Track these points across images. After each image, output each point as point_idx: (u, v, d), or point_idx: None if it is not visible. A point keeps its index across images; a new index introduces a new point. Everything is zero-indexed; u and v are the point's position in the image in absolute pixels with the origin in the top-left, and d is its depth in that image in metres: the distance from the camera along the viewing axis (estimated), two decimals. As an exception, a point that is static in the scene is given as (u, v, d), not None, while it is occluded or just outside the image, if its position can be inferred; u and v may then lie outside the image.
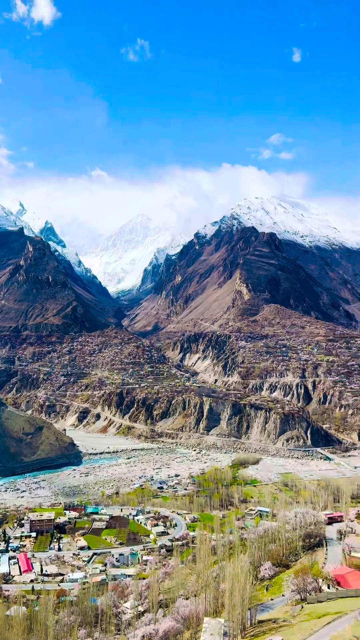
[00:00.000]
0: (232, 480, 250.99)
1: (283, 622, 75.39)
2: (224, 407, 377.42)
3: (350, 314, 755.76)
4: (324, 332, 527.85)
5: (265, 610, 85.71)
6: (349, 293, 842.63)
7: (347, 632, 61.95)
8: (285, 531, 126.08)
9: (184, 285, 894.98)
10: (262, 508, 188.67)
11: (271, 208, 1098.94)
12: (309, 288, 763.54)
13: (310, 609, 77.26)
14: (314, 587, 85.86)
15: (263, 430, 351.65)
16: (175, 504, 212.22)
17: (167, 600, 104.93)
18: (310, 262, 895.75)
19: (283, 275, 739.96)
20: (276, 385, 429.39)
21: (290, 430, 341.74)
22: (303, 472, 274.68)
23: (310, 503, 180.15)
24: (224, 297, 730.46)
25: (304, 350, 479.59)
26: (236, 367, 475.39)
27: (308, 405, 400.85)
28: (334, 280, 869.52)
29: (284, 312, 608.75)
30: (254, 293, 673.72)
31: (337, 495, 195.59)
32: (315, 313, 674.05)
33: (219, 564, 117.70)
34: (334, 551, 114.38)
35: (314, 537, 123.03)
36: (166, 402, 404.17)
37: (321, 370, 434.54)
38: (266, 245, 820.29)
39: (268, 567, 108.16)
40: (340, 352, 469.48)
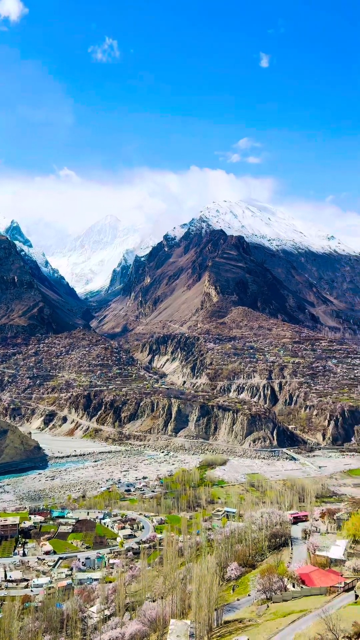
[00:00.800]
0: (199, 482, 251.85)
1: (249, 621, 76.15)
2: (192, 408, 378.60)
3: (315, 317, 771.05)
4: (290, 335, 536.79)
5: (232, 611, 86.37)
6: (314, 296, 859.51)
7: (311, 630, 63.07)
8: (251, 531, 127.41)
9: (153, 287, 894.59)
10: (229, 509, 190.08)
11: (239, 211, 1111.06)
12: (276, 291, 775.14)
13: (276, 608, 78.27)
14: (279, 586, 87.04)
15: (230, 432, 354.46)
16: (142, 506, 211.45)
17: (134, 603, 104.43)
18: (277, 266, 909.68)
19: (251, 278, 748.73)
20: (244, 387, 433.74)
21: (257, 431, 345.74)
22: (269, 472, 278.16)
23: (276, 503, 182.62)
24: (192, 299, 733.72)
25: (270, 352, 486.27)
26: (204, 369, 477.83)
27: (274, 406, 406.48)
28: (300, 284, 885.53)
29: (251, 314, 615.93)
30: (222, 295, 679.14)
31: (302, 495, 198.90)
32: (282, 315, 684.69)
33: (186, 566, 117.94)
34: (299, 550, 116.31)
35: (279, 536, 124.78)
36: (134, 404, 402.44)
37: (287, 371, 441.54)
38: (234, 248, 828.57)
39: (235, 567, 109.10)
40: (306, 354, 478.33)
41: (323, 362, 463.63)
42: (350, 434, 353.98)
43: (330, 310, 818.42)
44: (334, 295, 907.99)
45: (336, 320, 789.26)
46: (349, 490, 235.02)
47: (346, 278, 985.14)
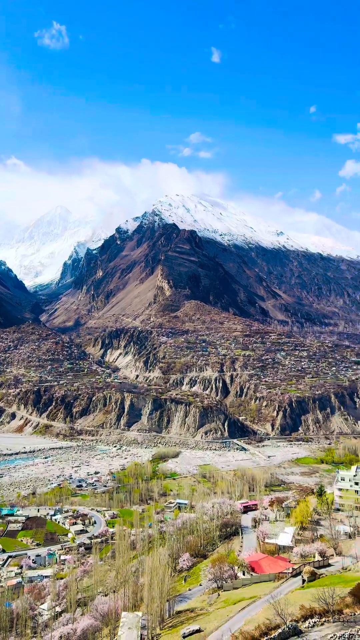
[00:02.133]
0: (152, 475, 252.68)
1: (200, 610, 77.42)
2: (145, 402, 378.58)
3: (265, 310, 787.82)
4: (241, 328, 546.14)
5: (184, 601, 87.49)
6: (264, 290, 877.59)
7: (260, 616, 64.86)
8: (203, 522, 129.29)
9: (106, 280, 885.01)
10: (181, 500, 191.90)
11: (192, 206, 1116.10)
12: (228, 285, 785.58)
13: (226, 596, 79.95)
14: (230, 574, 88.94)
15: (183, 424, 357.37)
16: (94, 501, 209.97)
17: (86, 598, 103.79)
18: (229, 260, 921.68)
19: (203, 272, 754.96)
20: (196, 380, 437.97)
21: (209, 423, 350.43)
22: (221, 463, 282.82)
23: (227, 493, 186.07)
24: (145, 293, 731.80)
25: (222, 345, 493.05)
26: (157, 363, 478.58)
27: (226, 398, 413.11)
28: (250, 278, 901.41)
29: (204, 308, 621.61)
30: (175, 289, 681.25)
31: (252, 485, 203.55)
32: (233, 309, 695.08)
33: (138, 559, 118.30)
34: (249, 538, 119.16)
35: (230, 526, 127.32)
36: (86, 399, 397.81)
37: (238, 364, 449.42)
38: (187, 242, 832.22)
39: (186, 558, 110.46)
40: (256, 347, 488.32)
41: (272, 355, 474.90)
42: (297, 424, 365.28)
43: (279, 304, 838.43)
44: (282, 290, 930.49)
45: (285, 313, 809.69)
46: (297, 478, 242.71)
47: (294, 273, 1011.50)
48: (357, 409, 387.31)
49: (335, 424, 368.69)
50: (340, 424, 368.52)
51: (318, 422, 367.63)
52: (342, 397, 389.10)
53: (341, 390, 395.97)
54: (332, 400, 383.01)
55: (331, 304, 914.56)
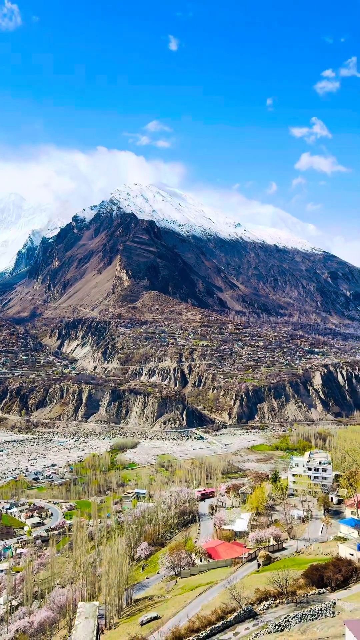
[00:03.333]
0: (110, 466, 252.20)
1: (158, 598, 78.29)
2: (103, 393, 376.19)
3: (223, 301, 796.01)
4: (199, 318, 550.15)
5: (142, 589, 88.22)
6: (222, 281, 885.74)
7: (217, 600, 66.30)
8: (161, 511, 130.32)
9: (62, 270, 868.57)
10: (140, 490, 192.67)
11: (150, 196, 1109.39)
12: (186, 276, 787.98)
13: (184, 582, 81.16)
14: (187, 561, 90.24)
15: (142, 415, 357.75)
16: (51, 493, 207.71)
17: (43, 591, 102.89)
18: (187, 251, 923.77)
19: (162, 262, 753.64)
20: (155, 370, 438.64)
21: (168, 413, 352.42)
22: (179, 452, 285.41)
23: (185, 481, 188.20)
24: (103, 283, 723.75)
25: (181, 336, 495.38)
26: (116, 353, 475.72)
27: (184, 388, 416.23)
28: (209, 269, 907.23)
29: (162, 298, 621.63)
30: (133, 279, 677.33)
31: (209, 472, 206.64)
32: (192, 300, 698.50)
33: (96, 549, 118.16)
34: (206, 525, 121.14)
35: (188, 514, 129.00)
36: (42, 391, 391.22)
37: (197, 354, 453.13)
38: (145, 232, 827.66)
39: (144, 547, 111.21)
40: (214, 337, 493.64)
41: (230, 345, 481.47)
42: (254, 412, 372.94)
43: (236, 295, 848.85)
44: (240, 281, 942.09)
45: (242, 304, 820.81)
46: (253, 465, 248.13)
47: (251, 264, 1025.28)
48: (310, 397, 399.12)
49: (289, 412, 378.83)
50: (294, 412, 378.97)
51: (273, 410, 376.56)
52: (296, 385, 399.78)
53: (295, 379, 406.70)
54: (286, 389, 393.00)
55: (286, 295, 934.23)
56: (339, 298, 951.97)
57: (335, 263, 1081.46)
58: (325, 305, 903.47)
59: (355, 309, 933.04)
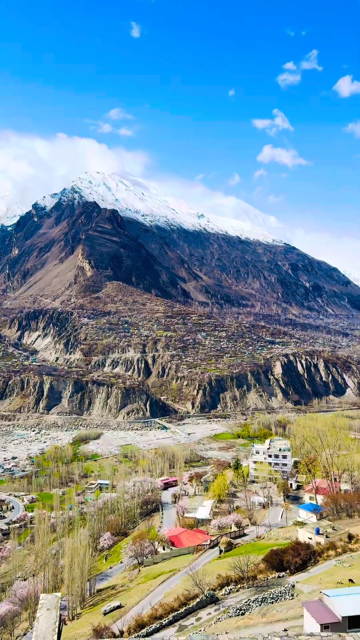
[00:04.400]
0: (73, 457, 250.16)
1: (121, 587, 78.66)
2: (65, 385, 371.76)
3: (186, 292, 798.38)
4: (163, 309, 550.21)
5: (105, 579, 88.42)
6: (185, 272, 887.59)
7: (179, 587, 67.20)
8: (124, 501, 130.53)
9: (22, 259, 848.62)
10: (102, 481, 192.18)
11: (113, 184, 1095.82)
12: (150, 266, 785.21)
13: (147, 571, 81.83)
14: (150, 550, 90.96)
15: (105, 406, 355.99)
16: (12, 486, 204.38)
17: (4, 584, 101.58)
18: (151, 241, 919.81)
19: (125, 252, 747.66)
20: (118, 361, 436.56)
21: (131, 403, 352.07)
22: (142, 442, 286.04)
23: (149, 471, 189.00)
24: (65, 273, 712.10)
25: (144, 327, 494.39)
26: (78, 344, 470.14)
27: (148, 379, 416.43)
28: (172, 260, 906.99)
29: (126, 289, 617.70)
30: (96, 270, 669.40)
31: (172, 462, 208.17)
32: (156, 290, 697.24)
33: (58, 541, 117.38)
34: (169, 514, 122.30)
35: (151, 503, 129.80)
36: (2, 383, 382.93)
37: (160, 345, 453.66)
38: (108, 221, 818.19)
39: (107, 537, 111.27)
40: (178, 328, 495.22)
41: (193, 335, 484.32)
42: (216, 401, 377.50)
43: (200, 286, 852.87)
44: (203, 272, 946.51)
45: (205, 295, 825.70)
46: (215, 453, 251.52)
47: (214, 255, 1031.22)
48: (271, 386, 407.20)
49: (251, 401, 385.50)
50: (255, 401, 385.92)
51: (235, 399, 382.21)
52: (257, 375, 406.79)
53: (257, 369, 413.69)
54: (248, 378, 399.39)
55: (249, 286, 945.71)
56: (299, 289, 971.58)
57: (295, 255, 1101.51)
58: (286, 296, 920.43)
59: (314, 300, 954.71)
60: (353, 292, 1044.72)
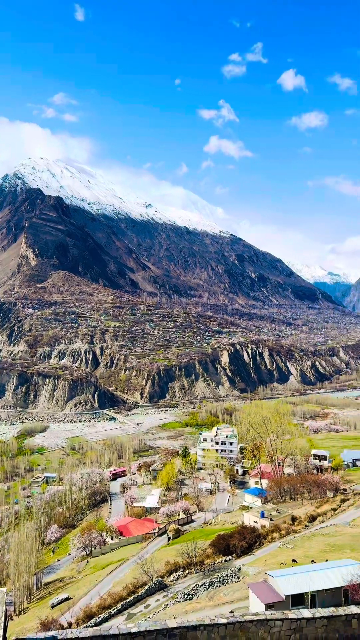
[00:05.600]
0: (18, 451, 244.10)
1: (69, 579, 78.05)
2: (9, 377, 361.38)
3: (134, 282, 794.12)
4: (111, 300, 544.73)
5: (53, 572, 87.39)
6: (134, 262, 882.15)
7: (128, 576, 67.48)
8: (71, 493, 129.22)
9: None
10: (49, 474, 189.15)
11: (57, 171, 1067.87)
12: (97, 256, 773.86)
13: (95, 562, 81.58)
14: (99, 541, 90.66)
15: (51, 398, 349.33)
16: None
17: None
18: (98, 230, 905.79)
19: (71, 241, 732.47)
20: (65, 352, 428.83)
21: (79, 395, 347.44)
22: (90, 434, 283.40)
23: (97, 463, 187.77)
24: (8, 262, 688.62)
25: (92, 317, 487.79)
26: (23, 336, 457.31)
27: (96, 370, 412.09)
28: (120, 249, 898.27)
29: (72, 279, 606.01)
30: (41, 259, 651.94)
31: (121, 452, 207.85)
32: (103, 281, 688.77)
33: (4, 536, 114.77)
34: (118, 504, 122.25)
35: (99, 494, 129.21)
36: None
37: (108, 335, 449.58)
38: (53, 209, 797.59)
39: (55, 530, 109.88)
40: (126, 319, 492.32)
41: (142, 326, 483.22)
42: (165, 391, 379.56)
43: (148, 276, 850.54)
44: (151, 262, 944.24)
45: (154, 285, 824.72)
46: (164, 442, 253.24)
47: (163, 245, 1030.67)
48: (218, 374, 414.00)
49: (199, 390, 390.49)
50: (203, 389, 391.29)
51: (184, 388, 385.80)
52: (205, 364, 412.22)
53: (204, 358, 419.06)
54: (196, 368, 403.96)
55: (196, 276, 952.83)
56: (245, 280, 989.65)
57: (241, 246, 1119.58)
58: (233, 287, 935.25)
59: (259, 290, 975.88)
60: (296, 283, 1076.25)
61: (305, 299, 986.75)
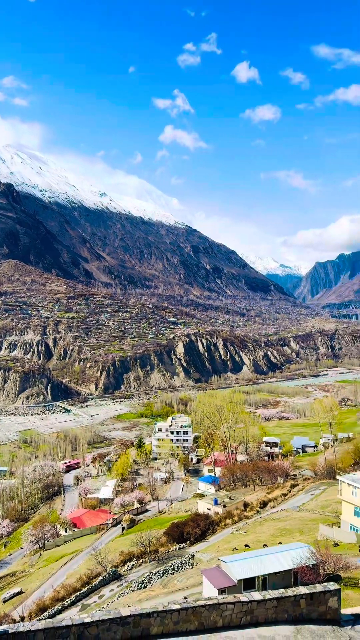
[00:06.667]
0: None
1: (22, 573, 76.85)
2: None
3: (89, 272, 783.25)
4: (64, 290, 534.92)
5: (4, 566, 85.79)
6: (88, 252, 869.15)
7: (82, 567, 67.18)
8: (23, 486, 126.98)
9: None
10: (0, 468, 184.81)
11: (7, 157, 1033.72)
12: (50, 245, 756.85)
13: (49, 554, 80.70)
14: (52, 533, 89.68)
15: (2, 391, 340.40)
16: None
17: None
18: (50, 219, 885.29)
19: (22, 229, 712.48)
20: (16, 344, 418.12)
21: (31, 387, 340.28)
22: (43, 426, 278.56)
23: (50, 455, 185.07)
24: None
25: (45, 308, 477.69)
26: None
27: (49, 362, 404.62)
28: (74, 239, 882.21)
29: (23, 268, 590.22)
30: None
31: (75, 444, 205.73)
32: (56, 270, 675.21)
33: None
34: (72, 496, 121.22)
35: (52, 486, 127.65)
36: None
37: (62, 326, 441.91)
38: (3, 196, 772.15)
39: (6, 524, 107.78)
40: (80, 309, 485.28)
41: (96, 317, 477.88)
42: (120, 382, 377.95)
43: (103, 266, 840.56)
44: (106, 252, 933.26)
45: (108, 276, 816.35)
46: (119, 433, 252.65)
47: (117, 235, 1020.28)
48: (174, 365, 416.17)
49: (154, 380, 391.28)
50: (158, 380, 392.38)
51: (139, 379, 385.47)
52: (160, 355, 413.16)
53: (160, 349, 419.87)
54: (151, 358, 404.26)
55: (152, 267, 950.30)
56: (200, 271, 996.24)
57: (197, 237, 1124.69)
58: (188, 278, 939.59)
59: (214, 281, 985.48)
60: (250, 275, 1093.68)
61: (258, 291, 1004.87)
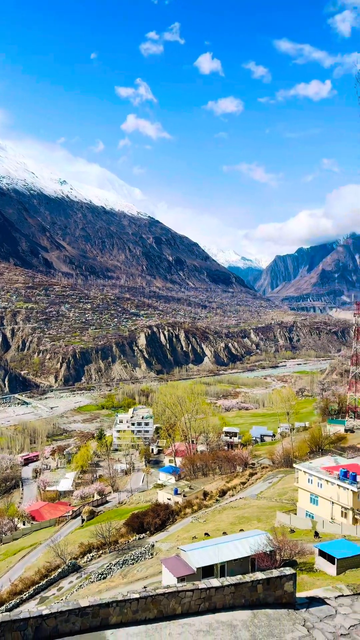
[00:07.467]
0: None
1: (-22, 568, 75.39)
2: None
3: (48, 262, 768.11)
4: (23, 280, 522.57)
5: None
6: (47, 241, 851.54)
7: (40, 560, 66.57)
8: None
9: None
10: None
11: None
12: (7, 233, 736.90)
13: (6, 548, 79.48)
14: (10, 527, 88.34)
15: None
16: None
17: None
18: (8, 206, 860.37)
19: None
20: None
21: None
22: (0, 419, 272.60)
23: (7, 448, 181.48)
24: None
25: (2, 298, 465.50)
26: None
27: (6, 353, 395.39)
28: (33, 227, 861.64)
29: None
30: None
31: (34, 437, 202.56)
32: (14, 259, 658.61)
33: None
34: (30, 489, 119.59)
35: (10, 480, 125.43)
36: None
37: (20, 317, 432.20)
38: None
39: None
40: (40, 300, 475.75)
41: (57, 307, 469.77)
42: (81, 374, 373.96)
43: (63, 256, 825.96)
44: (67, 241, 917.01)
45: (69, 266, 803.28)
46: (79, 425, 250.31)
47: (79, 225, 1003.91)
48: (136, 356, 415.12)
49: (116, 372, 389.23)
50: (120, 372, 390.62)
51: (100, 371, 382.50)
52: (122, 346, 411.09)
53: (122, 340, 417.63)
54: (113, 350, 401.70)
55: (114, 257, 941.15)
56: (163, 263, 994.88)
57: (159, 229, 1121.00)
58: (150, 269, 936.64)
59: (176, 273, 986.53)
60: (211, 267, 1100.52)
61: (220, 283, 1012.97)
